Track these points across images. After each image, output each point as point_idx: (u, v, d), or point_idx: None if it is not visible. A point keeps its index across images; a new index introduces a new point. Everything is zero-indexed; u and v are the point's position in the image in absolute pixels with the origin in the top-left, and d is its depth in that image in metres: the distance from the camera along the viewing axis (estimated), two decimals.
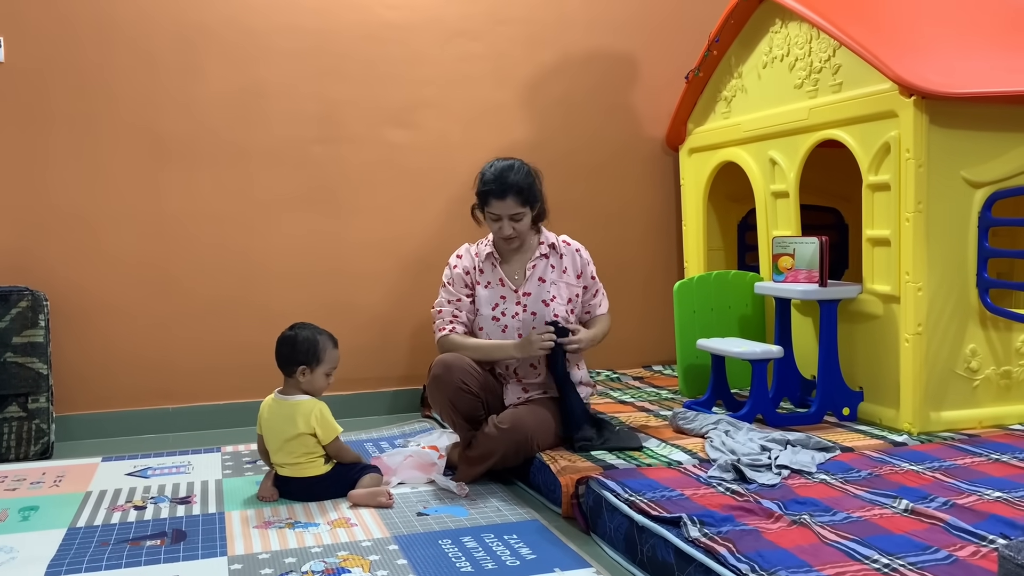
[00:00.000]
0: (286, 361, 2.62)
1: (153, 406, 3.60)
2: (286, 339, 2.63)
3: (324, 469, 2.59)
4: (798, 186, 3.22)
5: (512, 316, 2.81)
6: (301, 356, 2.61)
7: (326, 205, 3.78)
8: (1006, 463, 2.41)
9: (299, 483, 2.58)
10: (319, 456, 2.59)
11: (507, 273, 2.86)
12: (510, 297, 2.83)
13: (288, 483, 2.60)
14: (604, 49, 4.13)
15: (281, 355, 2.63)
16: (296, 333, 2.63)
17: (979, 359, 2.87)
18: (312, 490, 2.58)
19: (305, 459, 2.58)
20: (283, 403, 2.61)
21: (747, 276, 3.46)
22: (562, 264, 2.87)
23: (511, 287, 2.83)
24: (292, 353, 2.61)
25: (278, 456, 2.60)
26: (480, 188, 2.78)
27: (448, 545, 2.20)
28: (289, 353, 2.62)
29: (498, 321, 2.81)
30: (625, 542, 2.10)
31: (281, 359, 2.63)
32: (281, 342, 2.64)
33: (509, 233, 2.76)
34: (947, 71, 2.75)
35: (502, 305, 2.82)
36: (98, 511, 2.54)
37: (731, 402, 3.13)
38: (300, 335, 2.63)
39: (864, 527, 1.93)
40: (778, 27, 3.31)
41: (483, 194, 2.77)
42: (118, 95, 3.53)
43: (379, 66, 3.82)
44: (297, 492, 2.59)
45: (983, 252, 2.83)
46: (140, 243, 3.58)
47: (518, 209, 2.74)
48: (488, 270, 2.87)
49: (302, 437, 2.56)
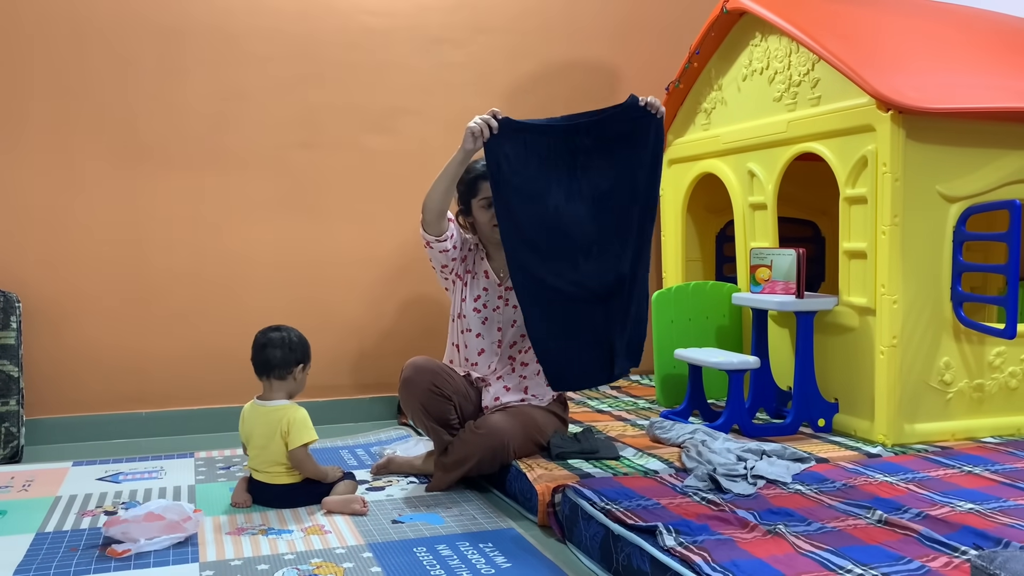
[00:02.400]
0: (282, 363, 2.57)
1: (126, 410, 3.56)
2: (279, 341, 2.58)
3: (299, 478, 2.57)
4: (776, 198, 3.25)
5: (494, 309, 2.82)
6: (298, 355, 2.61)
7: (304, 210, 3.76)
8: (978, 475, 2.43)
9: (274, 489, 2.56)
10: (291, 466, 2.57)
11: (493, 268, 2.86)
12: (493, 290, 2.83)
13: (263, 489, 2.57)
14: (585, 59, 4.14)
15: (274, 358, 2.57)
16: (287, 334, 2.61)
17: (952, 372, 2.89)
18: (287, 497, 2.56)
19: (277, 467, 2.55)
20: (267, 409, 2.57)
21: (725, 287, 3.47)
22: None
23: (495, 280, 2.84)
24: (290, 353, 2.59)
25: (256, 461, 2.58)
26: (467, 177, 2.78)
27: (423, 553, 2.18)
28: (286, 354, 2.58)
29: (479, 312, 2.82)
30: (601, 551, 2.10)
31: (275, 362, 2.57)
32: (272, 344, 2.58)
33: None
34: (924, 86, 2.79)
35: (484, 297, 2.83)
36: (67, 516, 2.50)
37: (708, 412, 3.14)
38: (293, 335, 2.61)
39: (838, 537, 1.94)
40: (758, 40, 3.34)
41: (472, 182, 2.78)
42: (95, 97, 3.50)
43: (359, 72, 3.82)
44: (272, 499, 2.57)
45: (957, 266, 2.86)
46: (115, 246, 3.54)
47: None
48: (477, 261, 2.87)
49: (274, 445, 2.54)
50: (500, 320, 2.83)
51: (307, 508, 2.53)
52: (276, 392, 2.61)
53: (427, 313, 3.89)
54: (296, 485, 2.56)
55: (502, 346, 2.83)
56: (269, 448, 2.54)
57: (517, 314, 2.79)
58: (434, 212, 2.70)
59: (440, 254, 2.79)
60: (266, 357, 2.58)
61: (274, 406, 2.58)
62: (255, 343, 2.62)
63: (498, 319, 2.83)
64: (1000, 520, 2.04)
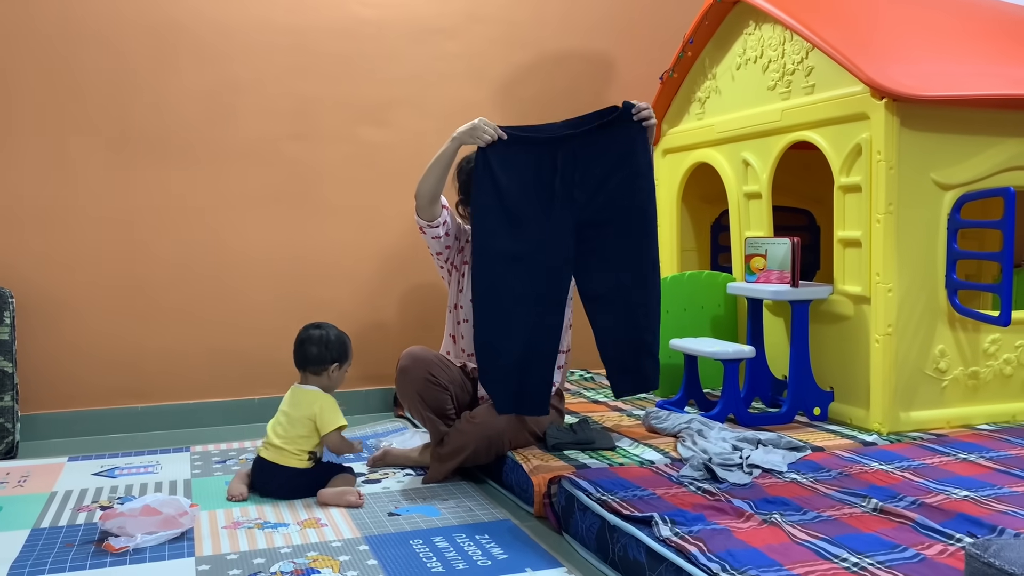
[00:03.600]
0: (317, 360, 2.67)
1: (121, 405, 3.56)
2: (317, 338, 2.68)
3: (304, 465, 2.59)
4: (771, 187, 3.24)
5: None
6: (334, 354, 2.69)
7: (299, 203, 3.75)
8: (973, 462, 2.44)
9: (279, 474, 2.57)
10: (305, 451, 2.59)
11: None
12: None
13: (267, 472, 2.58)
14: (579, 49, 4.13)
15: (310, 354, 2.67)
16: (326, 332, 2.70)
17: (948, 360, 2.89)
18: (287, 484, 2.57)
19: (292, 446, 2.58)
20: (302, 390, 2.68)
21: (720, 276, 3.47)
22: None
23: None
24: (325, 352, 2.67)
25: (274, 432, 2.61)
26: (468, 168, 2.78)
27: (419, 545, 2.18)
28: (322, 352, 2.67)
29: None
30: (597, 541, 2.10)
31: (311, 358, 2.67)
32: (311, 341, 2.68)
33: None
34: (918, 74, 2.78)
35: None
36: (63, 512, 2.50)
37: (703, 402, 3.15)
38: (331, 334, 2.70)
39: (834, 526, 1.94)
40: (752, 29, 3.33)
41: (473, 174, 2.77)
42: (87, 90, 3.48)
43: (353, 63, 3.80)
44: (270, 483, 2.58)
45: (952, 254, 2.86)
46: (109, 240, 3.53)
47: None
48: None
49: (300, 420, 2.60)
50: None
51: (303, 501, 2.53)
52: (311, 384, 2.69)
53: (423, 305, 3.89)
54: (301, 472, 2.58)
55: None
56: (291, 423, 2.60)
57: None
58: (426, 197, 2.70)
59: (433, 240, 2.80)
60: (304, 353, 2.69)
61: (308, 389, 2.67)
62: (296, 338, 2.72)
63: None
64: (995, 507, 2.04)
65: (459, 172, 2.85)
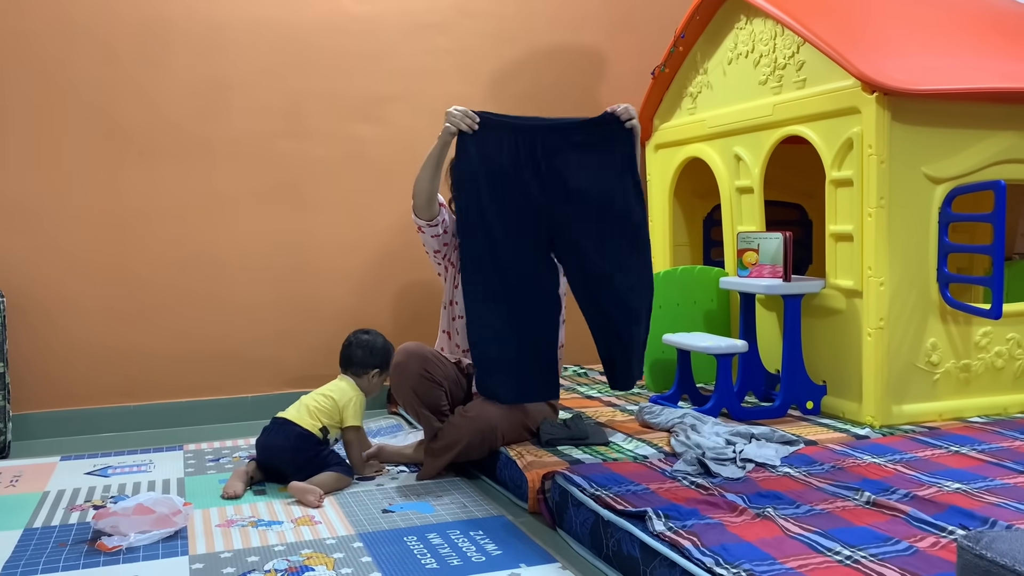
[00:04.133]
0: (361, 363, 2.83)
1: (113, 404, 3.54)
2: (364, 343, 2.85)
3: (314, 432, 2.66)
4: (763, 182, 3.25)
5: None
6: (377, 360, 2.84)
7: (290, 200, 3.74)
8: (965, 455, 2.45)
9: (285, 427, 2.64)
10: (321, 422, 2.68)
11: None
12: None
13: (275, 428, 2.67)
14: (570, 44, 4.13)
15: (355, 356, 2.83)
16: (373, 339, 2.87)
17: (939, 353, 2.90)
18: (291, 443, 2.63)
19: (315, 413, 2.69)
20: (346, 380, 2.83)
21: (712, 271, 3.48)
22: None
23: None
24: (369, 357, 2.83)
25: (302, 399, 2.74)
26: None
27: (413, 542, 2.18)
28: (366, 357, 2.83)
29: None
30: (591, 537, 2.10)
31: (355, 360, 2.83)
32: (357, 344, 2.85)
33: None
34: (909, 68, 2.78)
35: None
36: (56, 511, 2.49)
37: (696, 396, 3.15)
38: (377, 342, 2.86)
39: (827, 520, 1.95)
40: (743, 23, 3.33)
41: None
42: (77, 87, 3.47)
43: (345, 59, 3.79)
44: (275, 438, 2.65)
45: (943, 247, 2.87)
46: (100, 238, 3.52)
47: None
48: None
49: (327, 399, 2.73)
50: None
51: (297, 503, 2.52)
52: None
53: (416, 301, 3.88)
54: (306, 436, 2.64)
55: None
56: (325, 399, 2.73)
57: None
58: (423, 196, 2.71)
59: (432, 239, 2.80)
60: (349, 354, 2.86)
61: (352, 381, 2.83)
62: (345, 340, 2.89)
63: None
64: (987, 500, 2.05)
65: (451, 170, 2.84)
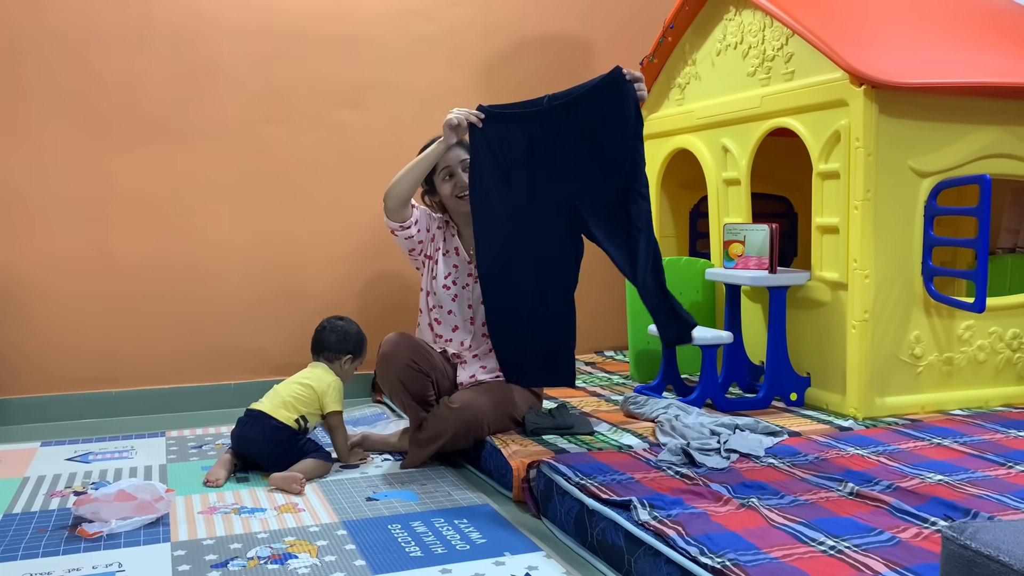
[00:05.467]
0: (334, 348, 2.83)
1: (95, 390, 3.51)
2: (338, 329, 2.85)
3: (291, 424, 2.62)
4: (750, 174, 3.25)
5: (463, 287, 2.81)
6: (350, 347, 2.84)
7: (274, 187, 3.71)
8: (947, 447, 2.46)
9: (261, 421, 2.60)
10: (298, 412, 2.64)
11: (463, 244, 2.85)
12: (463, 268, 2.82)
13: (250, 421, 2.62)
14: (559, 33, 4.11)
15: (328, 341, 2.83)
16: (348, 325, 2.87)
17: (923, 346, 2.92)
18: (268, 437, 2.59)
19: (290, 403, 2.64)
20: (319, 366, 2.81)
21: (698, 263, 3.48)
22: None
23: (465, 257, 2.82)
24: (343, 343, 2.83)
25: (275, 389, 2.70)
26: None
27: (397, 530, 2.18)
28: (339, 342, 2.83)
29: (449, 290, 2.81)
30: (575, 525, 2.10)
31: (328, 345, 2.83)
32: (331, 330, 2.84)
33: (465, 182, 2.70)
34: (897, 61, 2.79)
35: (454, 274, 2.81)
36: (36, 497, 2.47)
37: (681, 387, 3.16)
38: (352, 328, 2.87)
39: (811, 510, 1.96)
40: (732, 14, 3.32)
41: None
42: (57, 71, 3.42)
43: (329, 45, 3.76)
44: (251, 431, 2.61)
45: (928, 240, 2.88)
46: (81, 224, 3.48)
47: (466, 156, 2.68)
48: (448, 238, 2.85)
49: (305, 387, 2.69)
50: (470, 298, 2.81)
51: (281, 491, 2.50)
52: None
53: (400, 289, 3.87)
54: (282, 428, 2.60)
55: (475, 323, 2.82)
56: (300, 387, 2.69)
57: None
58: (398, 200, 2.71)
59: (406, 240, 2.80)
60: (322, 339, 2.85)
61: (326, 367, 2.81)
62: (318, 326, 2.88)
63: (468, 296, 2.81)
64: (969, 491, 2.07)
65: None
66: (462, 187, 2.74)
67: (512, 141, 2.45)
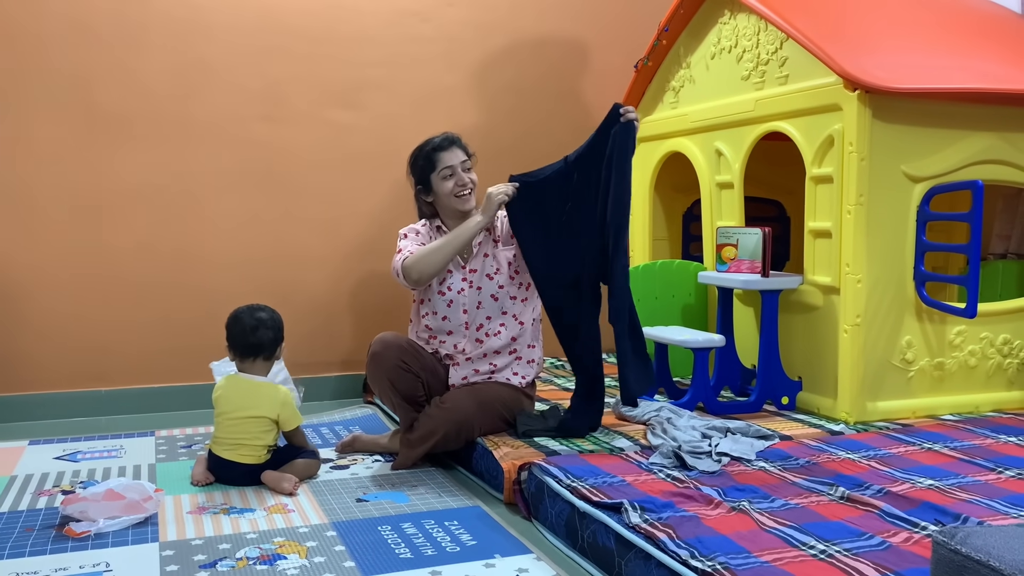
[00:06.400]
0: (272, 344, 2.58)
1: (85, 388, 3.50)
2: (269, 322, 2.58)
3: (264, 459, 2.54)
4: (743, 177, 3.25)
5: (458, 291, 2.79)
6: (282, 334, 2.62)
7: (268, 185, 3.70)
8: (938, 452, 2.47)
9: (234, 468, 2.52)
10: (263, 445, 2.53)
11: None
12: (457, 272, 2.81)
13: (223, 467, 2.54)
14: (555, 35, 4.11)
15: (265, 339, 2.56)
16: (272, 315, 2.60)
17: (914, 351, 2.92)
18: (249, 476, 2.53)
19: (250, 445, 2.51)
20: (250, 382, 2.56)
21: (691, 266, 3.48)
22: (494, 232, 2.85)
23: (459, 262, 2.81)
24: (277, 334, 2.60)
25: (225, 431, 2.52)
26: (423, 152, 2.80)
27: (387, 531, 2.17)
28: (276, 335, 2.59)
29: (444, 295, 2.80)
30: (566, 528, 2.10)
31: (266, 343, 2.56)
32: (264, 325, 2.56)
33: (467, 181, 2.77)
34: (891, 67, 2.79)
35: (448, 280, 2.80)
36: (23, 496, 2.45)
37: (673, 390, 3.15)
38: (276, 315, 2.62)
39: (801, 514, 1.96)
40: (727, 18, 3.33)
41: (429, 155, 2.78)
42: (52, 64, 3.40)
43: (325, 44, 3.75)
44: (231, 476, 2.53)
45: (921, 246, 2.89)
46: (73, 219, 3.46)
47: (465, 157, 2.80)
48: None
49: (260, 420, 2.51)
50: (465, 302, 2.80)
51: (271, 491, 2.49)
52: (258, 371, 2.59)
53: (393, 290, 3.85)
54: (258, 467, 2.52)
55: (469, 328, 2.80)
56: (250, 423, 2.51)
57: (482, 295, 2.78)
58: (427, 277, 2.71)
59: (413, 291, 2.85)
60: (258, 340, 2.56)
61: (261, 382, 2.57)
62: (242, 325, 2.56)
63: (463, 301, 2.80)
64: (959, 496, 2.07)
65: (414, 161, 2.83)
66: (461, 185, 2.75)
67: (546, 199, 2.72)
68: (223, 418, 2.54)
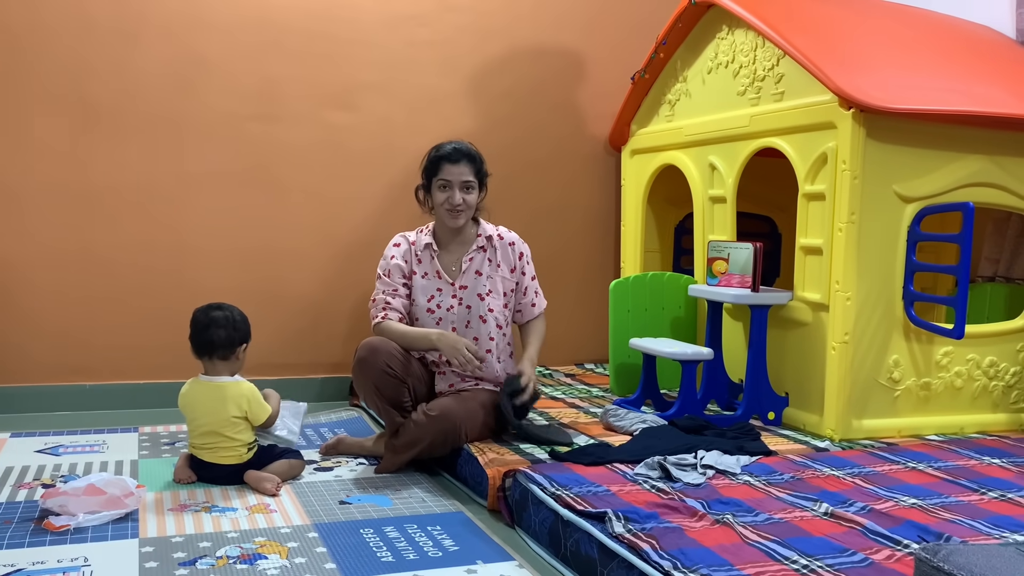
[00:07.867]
0: (227, 343, 2.52)
1: (68, 382, 3.47)
2: (224, 320, 2.52)
3: (245, 458, 2.52)
4: (736, 192, 3.26)
5: (447, 309, 2.78)
6: (243, 334, 2.56)
7: (260, 184, 3.69)
8: (922, 471, 2.47)
9: (216, 469, 2.51)
10: (242, 444, 2.52)
11: (444, 265, 2.82)
12: (446, 290, 2.79)
13: (205, 467, 2.52)
14: (552, 45, 4.12)
15: (218, 338, 2.50)
16: (230, 313, 2.55)
17: (901, 370, 2.93)
18: (233, 476, 2.51)
19: (228, 447, 2.50)
20: (215, 385, 2.52)
21: (682, 278, 3.49)
22: (497, 258, 2.85)
23: (447, 279, 2.80)
24: (234, 333, 2.53)
25: (201, 439, 2.51)
26: (433, 155, 2.79)
27: (370, 534, 2.16)
28: (230, 334, 2.52)
29: (433, 313, 2.79)
30: (549, 536, 2.09)
31: (219, 342, 2.51)
32: (217, 324, 2.51)
33: (458, 202, 2.73)
34: (886, 87, 2.81)
35: (438, 297, 2.79)
36: (3, 488, 2.43)
37: (660, 402, 3.15)
38: (235, 314, 2.56)
39: (785, 528, 1.96)
40: (725, 33, 3.34)
41: (436, 161, 2.77)
42: (48, 61, 3.39)
43: (322, 44, 3.75)
44: (216, 477, 2.52)
45: (910, 265, 2.90)
46: (62, 213, 3.44)
47: (470, 178, 2.75)
48: (426, 260, 2.83)
49: (232, 421, 2.49)
50: (454, 319, 2.79)
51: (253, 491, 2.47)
52: (220, 371, 2.55)
53: None
54: (240, 467, 2.51)
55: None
56: (216, 426, 2.49)
57: (471, 314, 2.78)
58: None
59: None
60: (209, 338, 2.51)
61: (222, 382, 2.52)
62: (196, 323, 2.53)
63: (452, 319, 2.79)
64: (942, 515, 2.07)
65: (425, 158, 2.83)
66: (452, 204, 2.74)
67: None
68: (194, 425, 2.52)
